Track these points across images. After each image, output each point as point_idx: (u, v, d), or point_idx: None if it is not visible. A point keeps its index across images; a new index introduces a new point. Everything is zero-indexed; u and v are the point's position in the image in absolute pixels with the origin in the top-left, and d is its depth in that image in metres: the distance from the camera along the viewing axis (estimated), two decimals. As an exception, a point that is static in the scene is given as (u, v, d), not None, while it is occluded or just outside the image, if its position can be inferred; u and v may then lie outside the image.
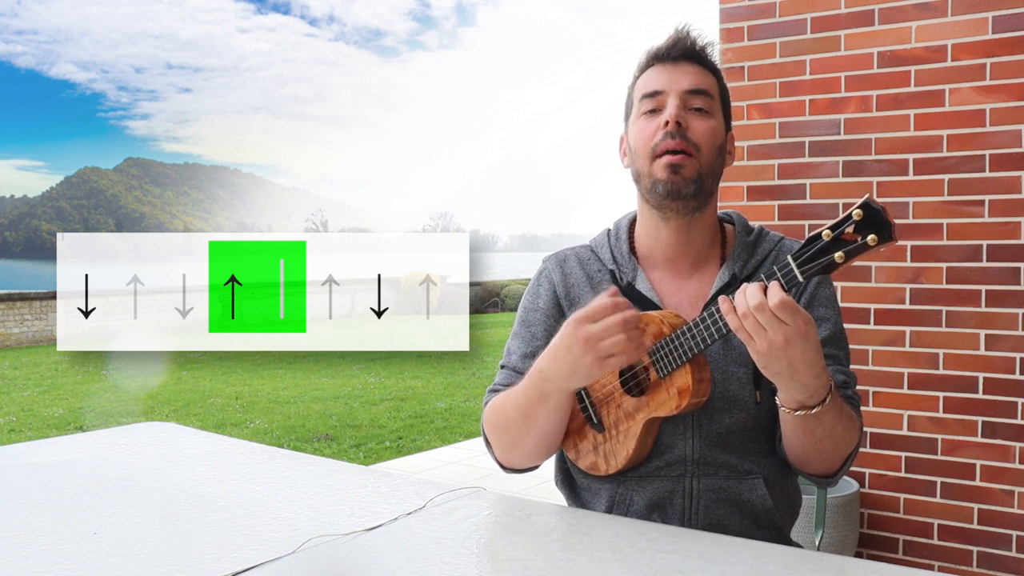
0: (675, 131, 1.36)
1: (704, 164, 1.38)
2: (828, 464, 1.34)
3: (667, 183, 1.37)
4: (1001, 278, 2.75)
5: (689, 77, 1.40)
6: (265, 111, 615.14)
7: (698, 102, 1.39)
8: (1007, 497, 2.76)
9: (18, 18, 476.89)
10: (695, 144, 1.37)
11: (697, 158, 1.37)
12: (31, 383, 9.37)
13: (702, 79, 1.41)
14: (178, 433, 2.00)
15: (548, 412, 1.34)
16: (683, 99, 1.39)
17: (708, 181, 1.40)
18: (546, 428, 1.37)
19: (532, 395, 1.33)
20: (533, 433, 1.38)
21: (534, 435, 1.38)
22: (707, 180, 1.39)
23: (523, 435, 1.39)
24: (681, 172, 1.36)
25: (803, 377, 1.18)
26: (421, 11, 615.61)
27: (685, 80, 1.39)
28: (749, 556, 1.18)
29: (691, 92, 1.39)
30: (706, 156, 1.38)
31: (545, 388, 1.31)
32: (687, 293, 1.44)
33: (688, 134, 1.37)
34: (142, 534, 1.29)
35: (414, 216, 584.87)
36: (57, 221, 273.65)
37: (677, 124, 1.36)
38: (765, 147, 3.12)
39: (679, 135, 1.36)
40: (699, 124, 1.38)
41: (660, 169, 1.37)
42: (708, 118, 1.39)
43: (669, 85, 1.39)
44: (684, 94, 1.39)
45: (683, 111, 1.38)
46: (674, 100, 1.38)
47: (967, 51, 2.78)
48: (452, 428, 6.82)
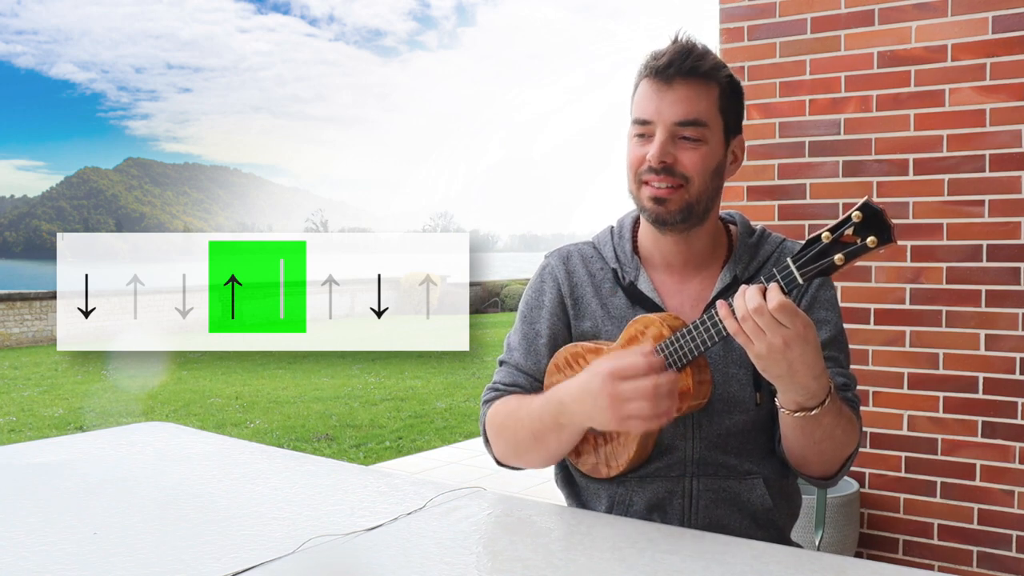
0: (659, 168, 1.34)
1: (694, 193, 1.36)
2: (827, 466, 1.34)
3: (652, 212, 1.38)
4: (1001, 278, 2.75)
5: (680, 106, 1.34)
6: (265, 111, 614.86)
7: (688, 132, 1.34)
8: (1007, 497, 2.76)
9: (18, 18, 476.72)
10: (684, 176, 1.35)
11: (686, 188, 1.35)
12: (31, 383, 9.37)
13: (695, 106, 1.34)
14: (178, 433, 2.00)
15: (560, 440, 1.36)
16: (671, 131, 1.34)
17: (699, 206, 1.38)
18: (556, 451, 1.39)
19: (547, 421, 1.34)
20: (541, 452, 1.40)
21: (542, 454, 1.40)
22: (698, 206, 1.37)
23: (530, 451, 1.41)
24: (666, 205, 1.36)
25: (802, 379, 1.18)
26: (421, 11, 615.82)
27: (674, 110, 1.34)
28: (749, 556, 1.18)
29: (680, 124, 1.34)
30: (697, 185, 1.36)
31: (561, 420, 1.32)
32: (689, 294, 1.44)
33: (676, 168, 1.35)
34: (142, 534, 1.29)
35: (414, 216, 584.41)
36: (57, 221, 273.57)
37: (662, 162, 1.34)
38: (765, 147, 3.12)
39: (664, 172, 1.34)
40: (688, 156, 1.35)
41: (645, 199, 1.37)
42: (699, 146, 1.35)
43: (658, 116, 1.35)
44: (673, 126, 1.34)
45: (670, 146, 1.34)
46: (661, 135, 1.34)
47: (967, 51, 2.78)
48: (452, 428, 6.81)
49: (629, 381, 1.21)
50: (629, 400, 1.21)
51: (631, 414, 1.21)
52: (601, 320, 1.45)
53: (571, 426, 1.33)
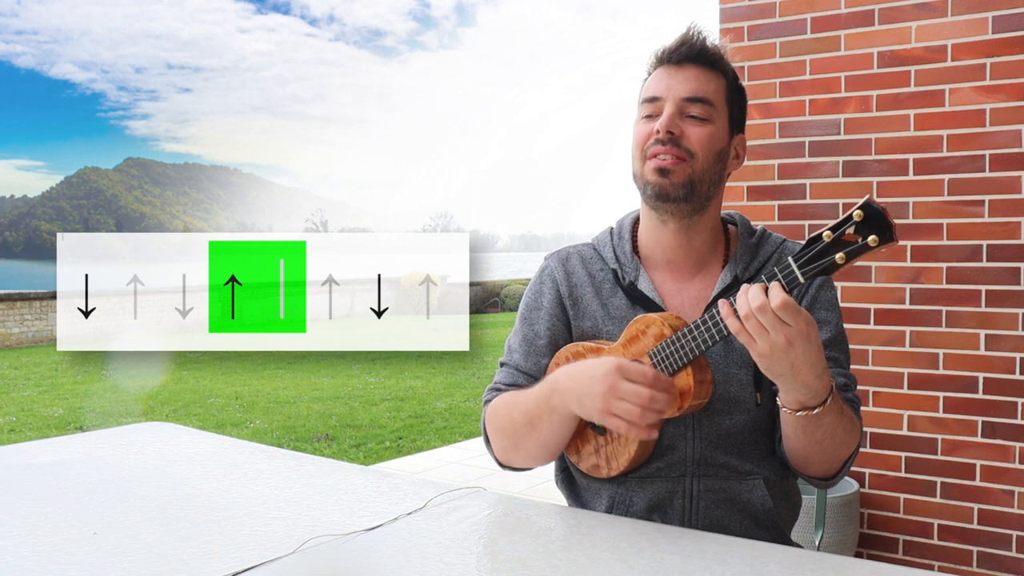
0: (666, 139, 1.36)
1: (697, 170, 1.37)
2: (828, 466, 1.34)
3: (655, 185, 1.37)
4: (1001, 278, 2.75)
5: (689, 83, 1.38)
6: (265, 111, 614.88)
7: (695, 109, 1.37)
8: (1007, 497, 2.76)
9: (18, 18, 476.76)
10: (688, 151, 1.36)
11: (690, 163, 1.36)
12: (31, 383, 9.37)
13: (704, 85, 1.38)
14: (178, 433, 2.00)
15: (552, 425, 1.36)
16: (679, 106, 1.37)
17: (702, 186, 1.38)
18: (548, 439, 1.38)
19: (541, 404, 1.35)
20: (535, 440, 1.39)
21: (536, 442, 1.39)
22: (700, 185, 1.38)
23: (525, 440, 1.40)
24: (669, 176, 1.36)
25: (805, 378, 1.18)
26: (421, 11, 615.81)
27: (684, 87, 1.38)
28: (749, 556, 1.18)
29: (689, 100, 1.37)
30: (701, 162, 1.37)
31: (552, 401, 1.33)
32: (689, 294, 1.44)
33: (682, 141, 1.36)
34: (142, 534, 1.29)
35: (414, 216, 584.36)
36: (57, 221, 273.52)
37: (669, 133, 1.36)
38: (765, 147, 3.12)
39: (670, 143, 1.36)
40: (695, 131, 1.37)
41: (649, 171, 1.38)
42: (705, 125, 1.37)
43: (667, 91, 1.38)
44: (681, 101, 1.37)
45: (677, 119, 1.37)
46: (669, 108, 1.37)
47: (967, 51, 2.78)
48: (452, 428, 6.81)
49: (631, 383, 1.22)
50: (622, 399, 1.22)
51: (617, 412, 1.22)
52: (601, 320, 1.45)
53: (561, 408, 1.32)
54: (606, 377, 1.23)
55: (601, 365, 1.25)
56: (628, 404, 1.21)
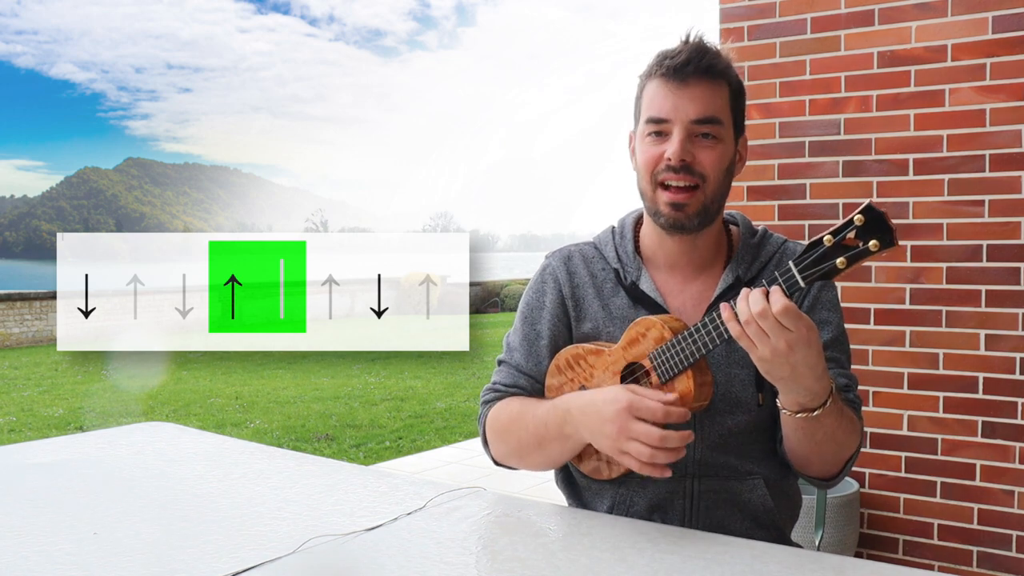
0: (679, 167, 1.33)
1: (710, 193, 1.36)
2: (828, 466, 1.34)
3: (669, 218, 1.36)
4: (1001, 278, 2.75)
5: (696, 104, 1.33)
6: (265, 111, 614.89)
7: (706, 130, 1.34)
8: (1007, 497, 2.76)
9: (18, 18, 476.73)
10: (701, 175, 1.34)
11: (703, 188, 1.35)
12: (31, 383, 9.37)
13: (711, 103, 1.34)
14: (178, 433, 2.00)
15: (563, 449, 1.37)
16: (689, 130, 1.34)
17: (714, 207, 1.38)
18: (558, 458, 1.41)
19: (552, 429, 1.36)
20: (543, 457, 1.41)
21: (543, 459, 1.42)
22: (712, 207, 1.37)
23: (531, 455, 1.42)
24: (684, 210, 1.35)
25: (805, 381, 1.18)
26: (421, 11, 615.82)
27: (692, 107, 1.33)
28: (749, 556, 1.18)
29: (698, 121, 1.34)
30: (712, 184, 1.35)
31: (566, 431, 1.34)
32: (691, 294, 1.44)
33: (694, 167, 1.34)
34: (142, 534, 1.29)
35: (414, 216, 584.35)
36: (57, 221, 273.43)
37: (682, 160, 1.33)
38: (765, 147, 3.12)
39: (683, 170, 1.34)
40: (706, 154, 1.34)
41: (663, 203, 1.36)
42: (716, 144, 1.35)
43: (675, 114, 1.34)
44: (690, 124, 1.34)
45: (688, 144, 1.34)
46: (679, 133, 1.33)
47: (967, 51, 2.78)
48: (452, 428, 6.81)
49: (642, 423, 1.22)
50: (633, 439, 1.22)
51: (629, 451, 1.23)
52: (602, 321, 1.44)
53: (576, 437, 1.33)
54: (617, 417, 1.24)
55: (613, 403, 1.25)
56: (639, 445, 1.22)
